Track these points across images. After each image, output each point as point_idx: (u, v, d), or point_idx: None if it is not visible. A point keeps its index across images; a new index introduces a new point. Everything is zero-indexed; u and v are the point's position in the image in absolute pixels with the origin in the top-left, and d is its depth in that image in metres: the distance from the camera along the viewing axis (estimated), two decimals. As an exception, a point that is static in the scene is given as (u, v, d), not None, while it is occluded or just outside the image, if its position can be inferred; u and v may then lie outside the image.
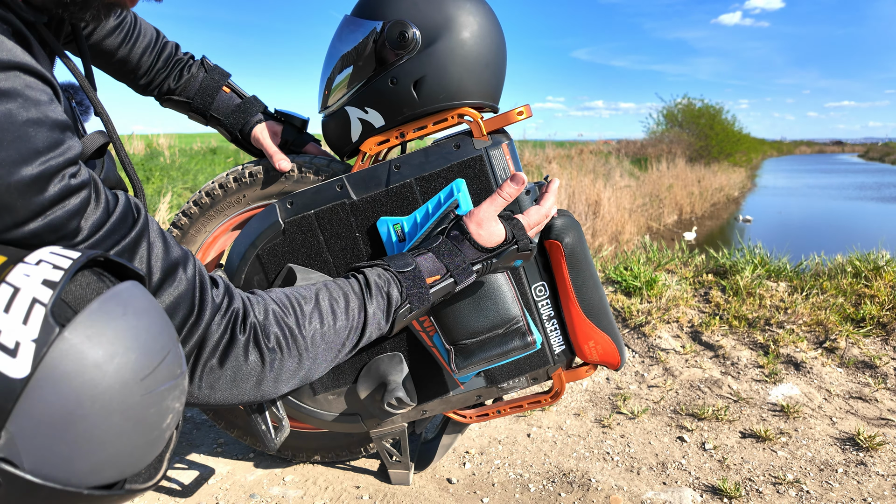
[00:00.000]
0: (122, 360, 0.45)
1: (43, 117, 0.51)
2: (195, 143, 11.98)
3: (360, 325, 0.79)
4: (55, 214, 0.52)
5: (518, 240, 0.89)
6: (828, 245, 3.51)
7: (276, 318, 0.72)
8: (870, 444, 1.41)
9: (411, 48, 0.95)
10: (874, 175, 29.24)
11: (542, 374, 1.10)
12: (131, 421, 0.46)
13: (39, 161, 0.50)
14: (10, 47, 0.50)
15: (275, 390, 0.72)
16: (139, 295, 0.51)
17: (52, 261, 0.45)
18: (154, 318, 0.51)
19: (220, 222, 1.17)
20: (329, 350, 0.77)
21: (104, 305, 0.46)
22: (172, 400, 0.50)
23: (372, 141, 1.03)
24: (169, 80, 1.15)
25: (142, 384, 0.47)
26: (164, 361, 0.49)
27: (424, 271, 0.84)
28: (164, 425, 0.50)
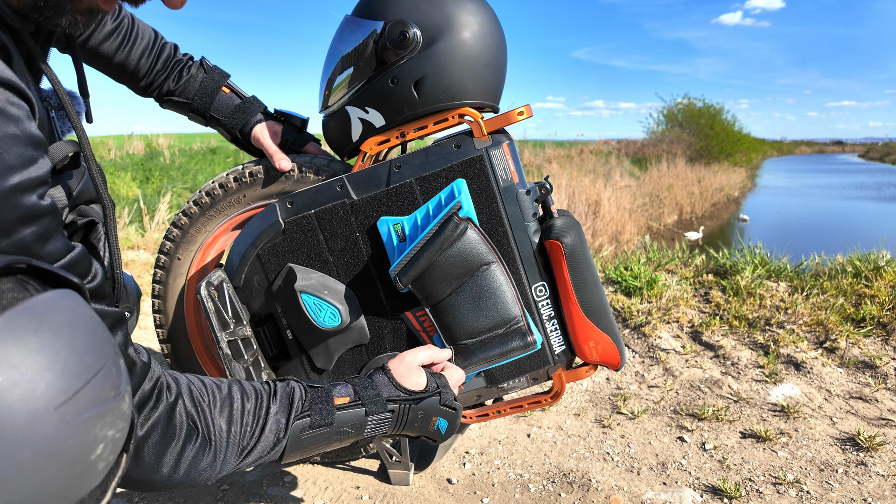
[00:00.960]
0: (29, 386, 0.39)
1: (20, 133, 0.49)
2: (195, 143, 11.98)
3: (261, 426, 0.74)
4: (21, 234, 0.49)
5: (441, 391, 0.86)
6: (828, 245, 3.51)
7: (193, 398, 0.69)
8: (870, 444, 1.41)
9: (412, 48, 0.95)
10: (874, 175, 29.24)
11: (543, 375, 1.09)
12: (45, 456, 0.40)
13: (13, 177, 0.48)
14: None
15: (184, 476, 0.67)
16: (64, 305, 0.44)
17: None
18: (80, 333, 0.44)
19: (221, 222, 1.17)
20: (233, 445, 0.71)
21: (13, 320, 0.40)
22: (103, 427, 0.44)
23: (372, 141, 1.03)
24: (168, 82, 1.15)
25: (56, 413, 0.40)
26: (90, 384, 0.43)
27: (334, 392, 0.80)
28: (93, 457, 0.44)
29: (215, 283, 0.99)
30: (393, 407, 0.82)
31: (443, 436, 0.88)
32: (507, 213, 0.99)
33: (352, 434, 0.81)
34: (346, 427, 0.79)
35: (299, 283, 0.99)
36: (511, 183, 0.99)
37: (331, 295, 1.00)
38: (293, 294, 0.99)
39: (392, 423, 0.83)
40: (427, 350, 0.91)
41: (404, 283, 0.95)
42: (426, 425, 0.86)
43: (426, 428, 0.86)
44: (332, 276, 1.03)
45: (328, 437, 0.79)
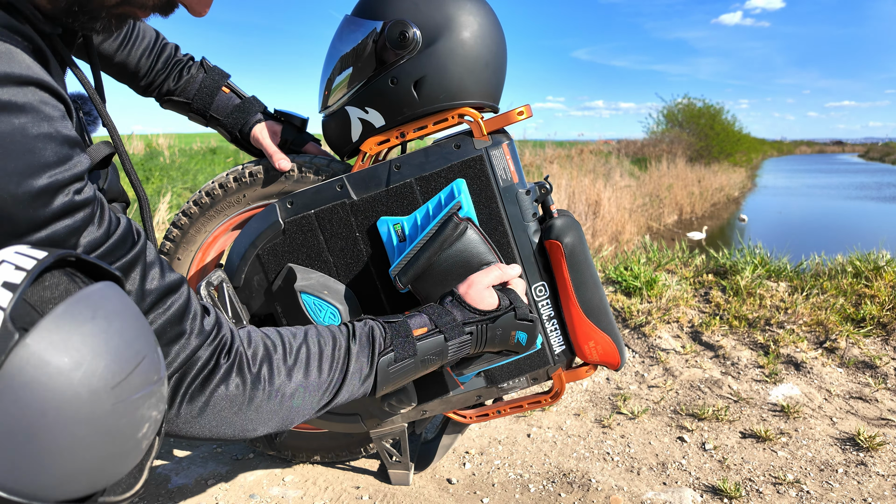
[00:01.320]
0: (90, 368, 0.43)
1: (54, 132, 0.51)
2: (195, 143, 11.98)
3: (344, 367, 0.78)
4: (56, 229, 0.52)
5: (516, 306, 0.88)
6: (828, 245, 3.51)
7: (264, 349, 0.72)
8: (870, 444, 1.41)
9: (412, 48, 0.95)
10: (874, 175, 29.24)
11: (543, 375, 1.09)
12: (101, 431, 0.44)
13: (47, 175, 0.50)
14: (29, 63, 0.51)
15: (254, 425, 0.71)
16: (112, 296, 0.48)
17: (16, 261, 0.43)
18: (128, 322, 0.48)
19: (220, 222, 1.17)
20: (312, 390, 0.75)
21: (71, 308, 0.44)
22: (148, 408, 0.48)
23: (372, 141, 1.03)
24: (168, 82, 1.15)
25: (112, 392, 0.44)
26: (139, 368, 0.47)
27: (412, 324, 0.84)
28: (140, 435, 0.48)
29: (215, 283, 0.99)
30: (470, 329, 0.85)
31: (524, 347, 0.92)
32: (506, 213, 0.99)
33: (436, 360, 0.85)
34: (429, 355, 0.83)
35: (299, 283, 0.99)
36: (511, 183, 0.99)
37: (331, 295, 1.00)
38: (293, 294, 0.99)
39: (472, 343, 0.87)
40: (495, 270, 0.92)
41: (404, 282, 0.95)
42: (506, 340, 0.89)
43: (507, 342, 0.89)
44: (332, 277, 1.03)
45: (414, 367, 0.83)
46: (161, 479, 1.33)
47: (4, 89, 0.48)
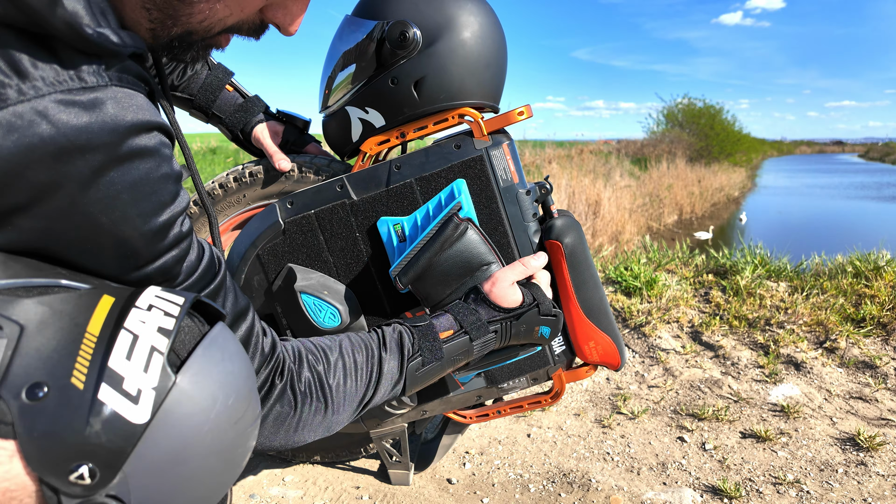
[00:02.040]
0: (223, 405, 0.48)
1: (171, 172, 0.55)
2: (195, 144, 11.98)
3: (377, 375, 0.81)
4: (167, 259, 0.57)
5: (539, 302, 0.90)
6: (828, 245, 3.51)
7: (308, 365, 0.75)
8: (870, 444, 1.41)
9: (412, 48, 0.95)
10: (874, 175, 29.24)
11: (543, 375, 1.09)
12: (224, 460, 0.49)
13: (167, 211, 0.55)
14: (151, 108, 0.54)
15: (301, 437, 0.75)
16: (230, 338, 0.54)
17: (162, 307, 0.48)
18: (243, 362, 0.54)
19: (221, 222, 1.17)
20: (350, 399, 0.79)
21: (207, 351, 0.50)
22: (251, 439, 0.54)
23: (372, 141, 1.03)
24: (172, 77, 1.15)
25: (235, 427, 0.50)
26: (251, 404, 0.53)
27: (438, 327, 0.86)
28: (244, 462, 0.53)
29: (215, 283, 0.99)
30: (495, 328, 0.88)
31: (547, 340, 0.93)
32: (507, 214, 0.99)
33: (462, 359, 0.87)
34: (456, 356, 0.86)
35: (299, 283, 0.99)
36: (511, 183, 0.99)
37: (331, 295, 1.00)
38: (293, 294, 0.99)
39: (496, 340, 0.89)
40: (519, 266, 0.93)
41: (404, 283, 0.95)
42: (530, 334, 0.91)
43: (531, 336, 0.91)
44: (332, 277, 1.03)
45: (441, 368, 0.86)
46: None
47: (140, 137, 0.51)
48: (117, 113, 0.49)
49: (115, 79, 0.51)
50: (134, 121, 0.51)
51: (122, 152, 0.50)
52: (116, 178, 0.50)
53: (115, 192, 0.50)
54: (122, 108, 0.50)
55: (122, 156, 0.50)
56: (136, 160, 0.51)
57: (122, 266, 0.54)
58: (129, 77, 0.53)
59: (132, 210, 0.52)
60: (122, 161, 0.50)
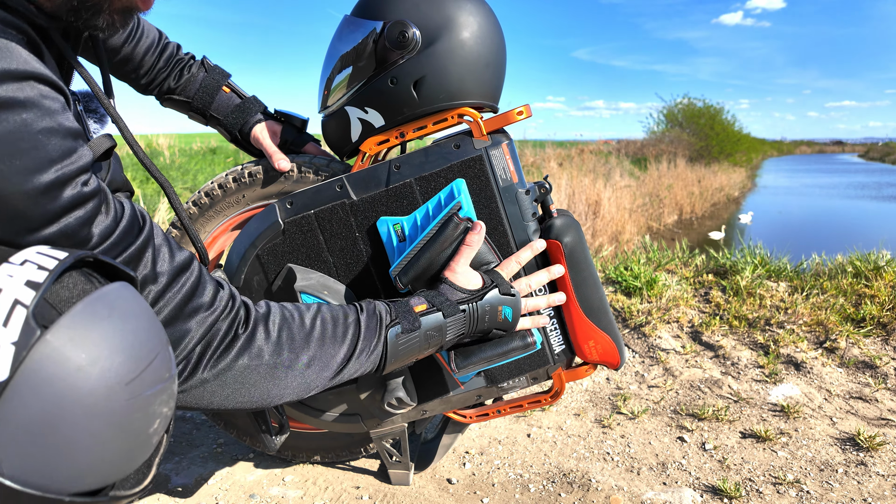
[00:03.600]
0: (107, 364, 0.44)
1: (57, 126, 0.52)
2: (195, 143, 11.98)
3: (354, 335, 0.80)
4: (67, 222, 0.53)
5: (497, 283, 0.92)
6: (828, 245, 3.51)
7: (281, 318, 0.74)
8: (870, 444, 1.41)
9: (411, 48, 0.95)
10: (874, 175, 29.25)
11: (542, 374, 1.09)
12: (115, 426, 0.45)
13: (54, 169, 0.51)
14: (26, 57, 0.51)
15: (274, 393, 0.73)
16: (128, 296, 0.50)
17: (38, 261, 0.45)
18: (142, 321, 0.50)
19: (220, 223, 1.17)
20: (328, 355, 0.77)
21: (89, 307, 0.45)
22: (160, 405, 0.49)
23: (372, 141, 1.03)
24: (169, 80, 1.15)
25: (127, 388, 0.45)
26: (152, 365, 0.48)
27: (412, 302, 0.88)
28: (151, 430, 0.49)
29: (215, 283, 0.99)
30: (464, 307, 0.89)
31: (510, 323, 0.94)
32: (506, 213, 0.99)
33: (437, 338, 0.88)
34: (431, 330, 0.86)
35: (299, 283, 0.99)
36: (510, 183, 0.99)
37: (330, 295, 1.00)
38: (293, 294, 0.99)
39: (466, 323, 0.90)
40: (465, 252, 0.93)
41: (404, 283, 0.95)
42: (494, 317, 0.92)
43: (495, 319, 0.92)
44: (332, 277, 1.03)
45: (419, 343, 0.86)
46: (161, 479, 1.33)
47: (5, 86, 0.48)
48: None
49: None
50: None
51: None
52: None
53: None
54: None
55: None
56: (3, 111, 0.48)
57: (9, 229, 0.50)
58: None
59: (4, 166, 0.48)
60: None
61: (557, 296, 1.01)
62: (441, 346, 0.90)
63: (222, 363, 0.67)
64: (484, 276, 0.93)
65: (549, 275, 1.00)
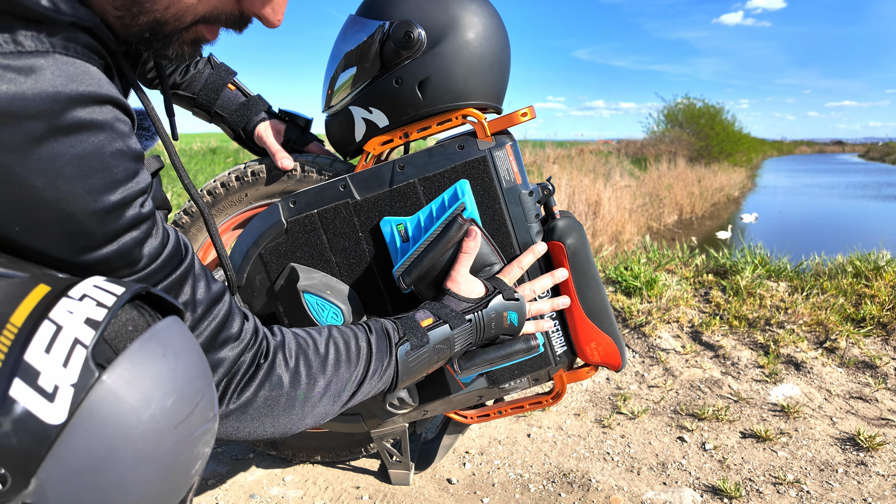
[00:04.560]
0: (159, 406, 0.44)
1: (126, 149, 0.53)
2: (195, 143, 11.97)
3: (367, 356, 0.81)
4: (124, 241, 0.54)
5: (500, 289, 0.92)
6: (828, 245, 3.51)
7: (297, 346, 0.75)
8: (870, 444, 1.42)
9: (416, 48, 0.95)
10: (873, 174, 29.25)
11: (544, 375, 1.10)
12: (161, 468, 0.45)
13: (120, 190, 0.52)
14: (105, 82, 0.52)
15: (294, 423, 0.74)
16: (179, 333, 0.50)
17: (96, 296, 0.44)
18: (192, 359, 0.49)
19: (222, 221, 1.17)
20: (343, 380, 0.78)
21: (145, 346, 0.45)
22: (203, 445, 0.49)
23: (376, 141, 1.03)
24: (175, 75, 1.15)
25: (175, 431, 0.45)
26: (199, 406, 0.48)
27: (417, 317, 0.88)
28: (193, 471, 0.49)
29: (218, 282, 0.99)
30: (470, 317, 0.89)
31: (516, 328, 0.94)
32: (510, 215, 1.00)
33: (446, 350, 0.88)
34: (440, 344, 0.87)
35: (302, 282, 0.99)
36: (514, 184, 0.99)
37: (333, 295, 1.00)
38: (295, 294, 1.00)
39: (473, 332, 0.90)
40: (462, 257, 0.93)
41: (407, 283, 0.95)
42: (500, 323, 0.92)
43: (501, 325, 0.93)
44: (335, 276, 1.03)
45: (429, 357, 0.87)
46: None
47: (87, 108, 0.49)
48: (58, 81, 0.47)
49: (59, 46, 0.49)
50: (80, 91, 0.48)
51: (66, 123, 0.48)
52: (59, 149, 0.48)
53: (58, 165, 0.48)
54: (65, 76, 0.48)
55: (65, 126, 0.48)
56: (84, 132, 0.49)
57: (72, 247, 0.51)
58: (76, 47, 0.51)
59: (79, 185, 0.49)
60: (65, 132, 0.48)
61: (562, 299, 1.02)
62: (451, 358, 0.91)
63: (245, 395, 0.68)
64: (486, 283, 0.94)
65: (553, 279, 1.00)
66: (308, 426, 0.76)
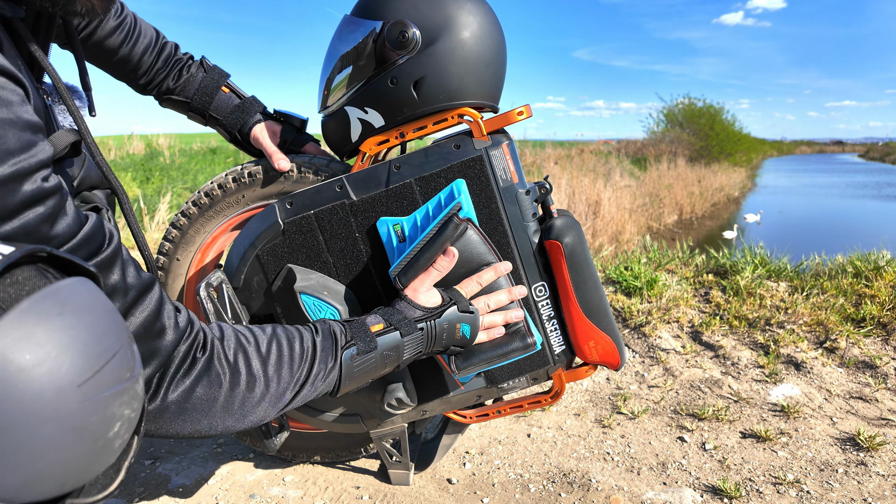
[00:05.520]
0: (55, 364, 0.41)
1: (14, 118, 0.50)
2: (195, 143, 11.98)
3: (310, 358, 0.79)
4: (27, 218, 0.51)
5: (456, 301, 0.91)
6: (828, 245, 3.51)
7: (237, 342, 0.73)
8: (870, 444, 1.41)
9: (411, 48, 0.95)
10: (873, 174, 29.24)
11: (543, 375, 1.09)
12: (68, 430, 0.42)
13: (11, 162, 0.49)
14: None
15: (234, 419, 0.71)
16: (83, 291, 0.46)
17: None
18: (99, 317, 0.46)
19: (220, 223, 1.17)
20: (285, 378, 0.76)
21: (37, 304, 0.42)
22: (120, 406, 0.46)
23: (372, 141, 1.03)
24: (168, 80, 1.15)
25: (79, 390, 0.42)
26: (109, 364, 0.45)
27: (368, 322, 0.87)
28: (111, 434, 0.46)
29: (214, 283, 0.99)
30: (422, 325, 0.88)
31: (468, 340, 0.93)
32: (506, 214, 0.99)
33: (393, 357, 0.87)
34: (388, 350, 0.85)
35: (299, 283, 0.99)
36: (511, 183, 0.99)
37: (330, 296, 1.00)
38: (293, 295, 0.99)
39: (424, 341, 0.89)
40: (432, 274, 0.93)
41: (404, 283, 0.95)
42: (452, 334, 0.91)
43: (453, 336, 0.91)
44: (332, 277, 1.03)
45: (375, 364, 0.85)
46: (161, 479, 1.33)
47: None
48: None
49: None
50: None
51: None
52: None
53: None
54: None
55: None
56: None
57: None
58: None
59: None
60: None
61: (514, 312, 0.98)
62: (398, 365, 0.89)
63: (181, 388, 0.65)
64: (443, 293, 0.92)
65: (509, 296, 0.97)
66: (249, 425, 0.74)
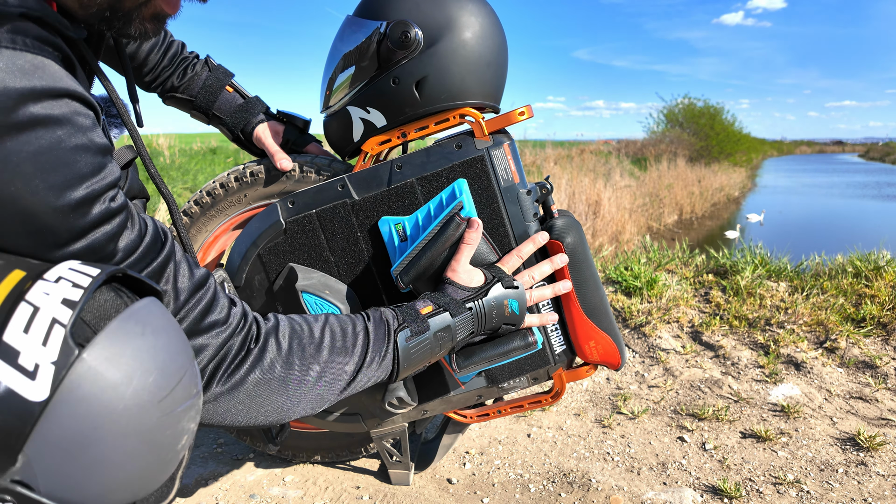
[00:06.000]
0: (141, 382, 0.45)
1: (88, 143, 0.52)
2: (195, 143, 11.98)
3: (364, 344, 0.80)
4: (95, 237, 0.53)
5: (499, 277, 0.92)
6: (828, 245, 3.51)
7: (290, 331, 0.74)
8: (870, 444, 1.42)
9: (413, 48, 0.95)
10: (874, 174, 29.23)
11: (543, 374, 1.10)
12: (147, 443, 0.46)
13: (84, 185, 0.52)
14: (61, 75, 0.52)
15: (287, 408, 0.73)
16: (157, 313, 0.50)
17: (72, 278, 0.45)
18: (172, 337, 0.50)
19: (221, 222, 1.17)
20: (340, 366, 0.77)
21: (123, 325, 0.46)
22: (188, 421, 0.50)
23: (373, 141, 1.03)
24: (173, 78, 1.15)
25: (159, 406, 0.46)
26: (182, 382, 0.49)
27: (418, 305, 0.87)
28: (179, 446, 0.50)
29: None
30: (470, 305, 0.89)
31: (518, 317, 0.93)
32: (508, 214, 0.99)
33: (448, 339, 0.87)
34: (441, 331, 0.86)
35: (300, 282, 0.99)
36: (512, 183, 0.99)
37: (332, 295, 1.00)
38: (294, 294, 1.00)
39: (474, 321, 0.89)
40: (465, 250, 0.93)
41: (406, 282, 0.95)
42: (502, 312, 0.91)
43: (503, 314, 0.92)
44: (334, 276, 1.03)
45: (431, 346, 0.85)
46: (162, 479, 1.33)
47: (41, 104, 0.49)
48: (6, 76, 0.46)
49: (6, 40, 0.47)
50: (31, 86, 0.48)
51: (17, 120, 0.47)
52: (13, 147, 0.47)
53: (13, 163, 0.47)
54: (14, 71, 0.47)
55: (17, 124, 0.47)
56: (39, 129, 0.48)
57: (38, 243, 0.50)
58: (26, 39, 0.49)
59: (38, 183, 0.48)
60: (18, 129, 0.47)
61: (563, 284, 1.00)
62: (453, 348, 0.90)
63: (235, 378, 0.67)
64: (485, 272, 0.93)
65: (552, 265, 0.99)
66: (303, 413, 0.75)
